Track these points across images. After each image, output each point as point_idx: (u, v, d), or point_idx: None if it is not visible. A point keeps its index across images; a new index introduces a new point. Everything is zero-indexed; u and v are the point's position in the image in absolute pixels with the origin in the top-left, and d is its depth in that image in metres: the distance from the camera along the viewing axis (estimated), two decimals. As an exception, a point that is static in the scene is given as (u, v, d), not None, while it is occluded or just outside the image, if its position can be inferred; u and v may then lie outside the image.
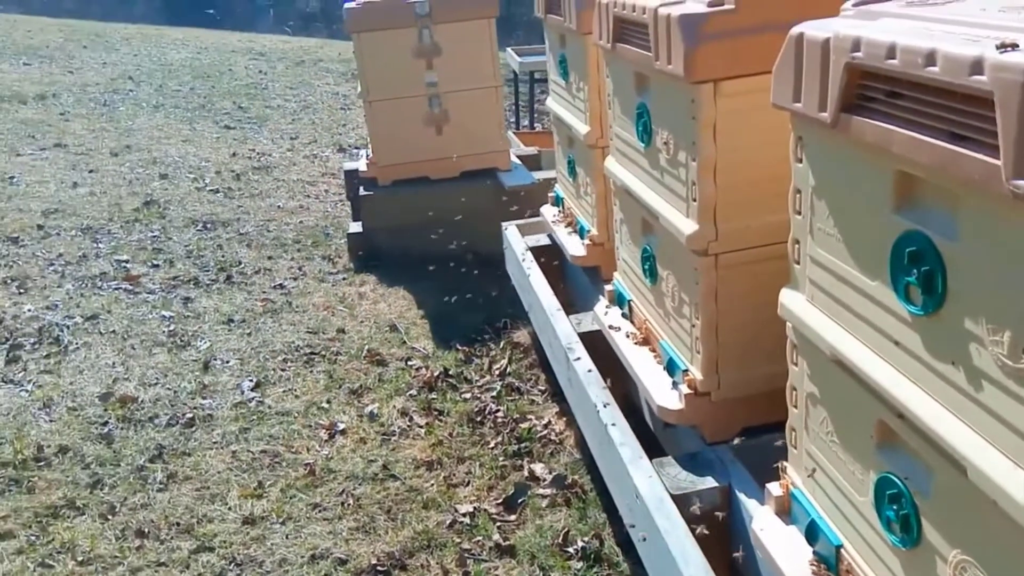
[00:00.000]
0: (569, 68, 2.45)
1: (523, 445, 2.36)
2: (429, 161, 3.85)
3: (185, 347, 3.03)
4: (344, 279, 3.67)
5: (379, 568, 1.91)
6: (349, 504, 2.15)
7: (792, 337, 1.18)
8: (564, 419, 2.46)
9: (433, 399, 2.63)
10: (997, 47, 0.66)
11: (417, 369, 2.82)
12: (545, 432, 2.41)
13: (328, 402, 2.64)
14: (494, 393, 2.63)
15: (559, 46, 2.53)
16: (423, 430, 2.47)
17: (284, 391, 2.72)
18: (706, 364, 1.56)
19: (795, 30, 1.00)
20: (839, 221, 1.01)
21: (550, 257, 2.79)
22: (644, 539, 1.50)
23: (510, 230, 2.96)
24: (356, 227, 3.94)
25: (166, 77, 8.59)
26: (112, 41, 10.85)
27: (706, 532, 1.46)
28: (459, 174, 3.89)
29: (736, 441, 1.61)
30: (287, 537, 2.03)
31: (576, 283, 2.68)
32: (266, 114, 7.17)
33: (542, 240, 2.86)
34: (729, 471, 1.54)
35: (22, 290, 3.53)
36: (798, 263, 1.12)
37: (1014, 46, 0.65)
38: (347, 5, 3.64)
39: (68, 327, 3.18)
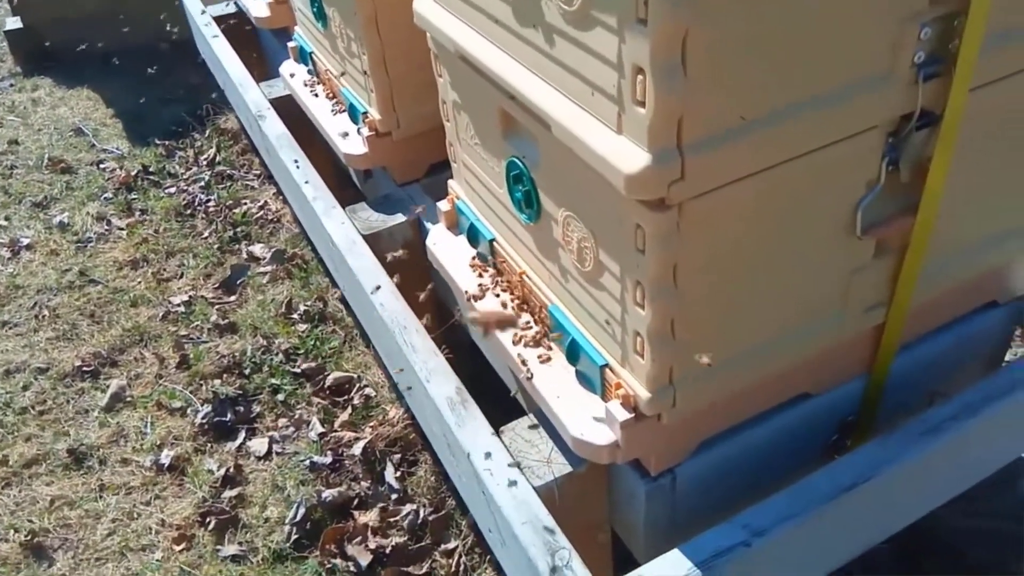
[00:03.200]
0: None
1: (239, 229, 2.26)
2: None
3: None
4: (12, 86, 3.14)
5: (84, 369, 1.81)
6: (44, 316, 1.97)
7: (432, 47, 1.17)
8: (281, 198, 2.38)
9: (133, 199, 2.41)
10: None
11: (112, 171, 2.55)
12: (261, 214, 2.32)
13: (6, 219, 2.33)
14: (203, 183, 2.46)
15: None
16: (124, 232, 2.27)
17: (-50, 214, 2.36)
18: (382, 102, 1.53)
19: None
20: None
21: (241, 24, 2.53)
22: (345, 290, 1.52)
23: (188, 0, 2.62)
24: (14, 22, 3.31)
25: None
26: None
27: (404, 258, 1.50)
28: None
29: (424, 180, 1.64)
30: (-27, 360, 1.85)
31: (270, 47, 2.48)
32: None
33: (229, 8, 2.58)
34: (418, 202, 1.58)
35: None
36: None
37: None
38: None
39: None
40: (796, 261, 0.91)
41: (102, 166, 2.58)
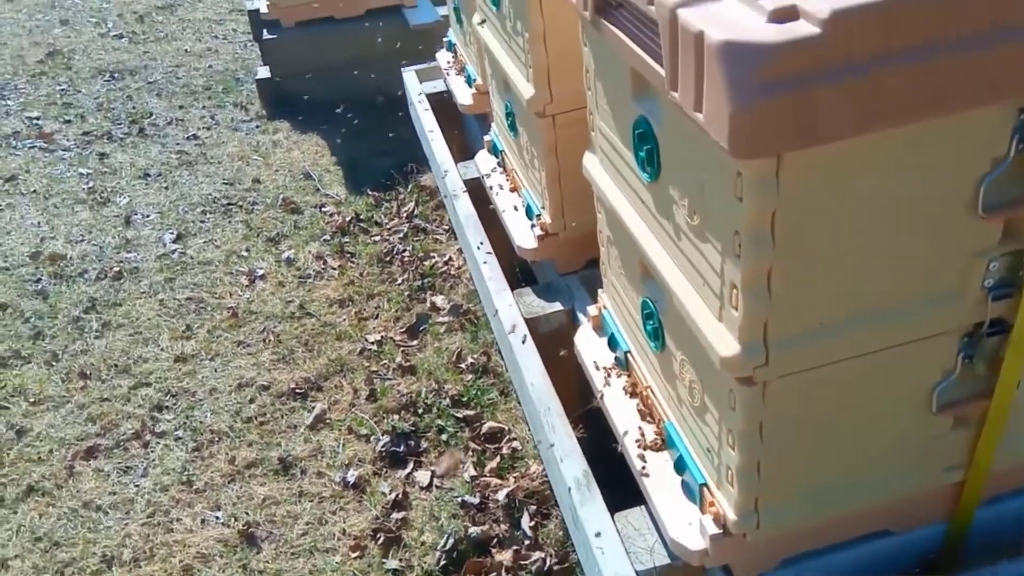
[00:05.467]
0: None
1: (426, 280, 2.64)
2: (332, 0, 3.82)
3: (106, 203, 3.17)
4: (258, 127, 3.76)
5: (297, 391, 2.23)
6: (270, 340, 2.44)
7: (595, 190, 1.43)
8: (463, 255, 2.73)
9: (346, 243, 2.87)
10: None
11: (331, 215, 3.03)
12: (446, 268, 2.69)
13: (247, 250, 2.86)
14: (401, 235, 2.88)
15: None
16: (336, 271, 2.73)
17: (205, 242, 2.92)
18: (553, 209, 1.81)
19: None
20: (608, 99, 1.22)
21: (449, 101, 2.93)
22: (505, 358, 1.82)
23: (408, 75, 3.06)
24: (264, 72, 3.96)
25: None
26: None
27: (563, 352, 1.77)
28: (364, 12, 3.89)
29: (583, 271, 1.90)
30: (215, 371, 2.34)
31: (471, 127, 2.85)
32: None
33: (439, 86, 2.98)
34: (574, 296, 1.85)
35: (-67, 153, 3.56)
36: (592, 130, 1.35)
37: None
38: None
39: (-13, 190, 3.27)
40: (872, 432, 1.08)
41: (323, 209, 3.08)
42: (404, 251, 2.79)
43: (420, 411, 2.14)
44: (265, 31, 3.87)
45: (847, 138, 0.79)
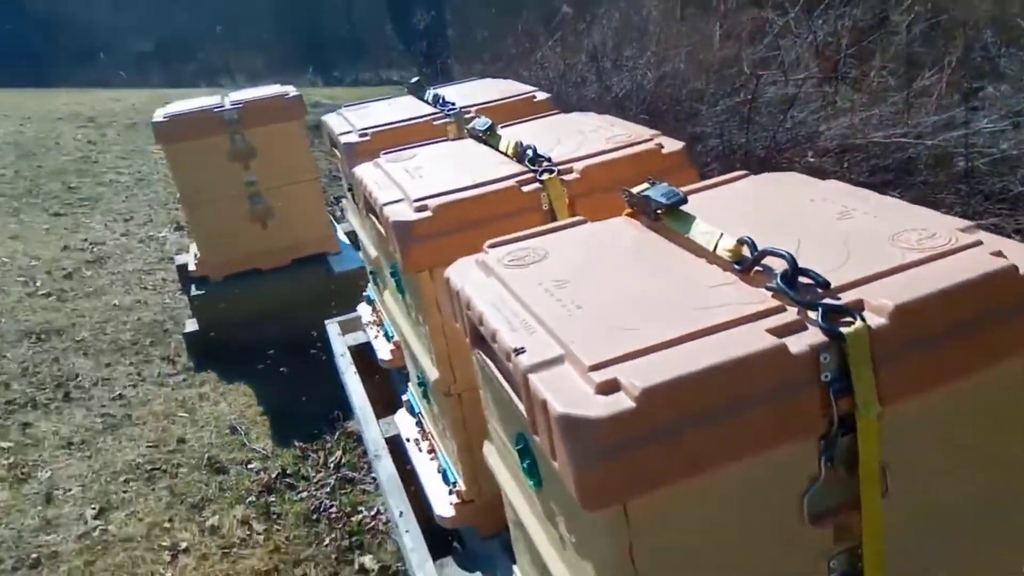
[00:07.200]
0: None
1: (355, 539, 2.63)
2: (258, 253, 4.04)
3: (26, 480, 3.10)
4: (185, 380, 3.81)
5: None
6: (193, 624, 2.35)
7: (496, 478, 1.52)
8: (391, 504, 2.75)
9: (272, 502, 2.86)
10: (515, 350, 1.01)
11: (257, 472, 3.04)
12: (374, 523, 2.69)
13: (170, 520, 2.81)
14: (328, 488, 2.89)
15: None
16: (262, 537, 2.69)
17: (127, 514, 2.87)
18: (467, 476, 1.90)
19: (448, 271, 1.34)
20: (495, 405, 1.35)
21: (371, 351, 3.06)
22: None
23: (331, 327, 3.21)
24: (192, 324, 4.07)
25: (-14, 160, 8.22)
26: (-84, 117, 10.17)
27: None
28: (290, 262, 4.11)
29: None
30: (134, 669, 2.22)
31: (395, 377, 2.97)
32: (98, 193, 7.06)
33: (361, 337, 3.13)
34: (496, 564, 1.88)
35: None
36: (488, 422, 1.46)
37: (521, 351, 1.00)
38: (153, 119, 3.78)
39: (-103, 476, 3.17)
40: None
41: (249, 466, 3.08)
42: (331, 506, 2.79)
43: None
44: (193, 286, 4.03)
45: (677, 482, 0.92)
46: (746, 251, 1.10)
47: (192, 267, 4.05)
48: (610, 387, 0.90)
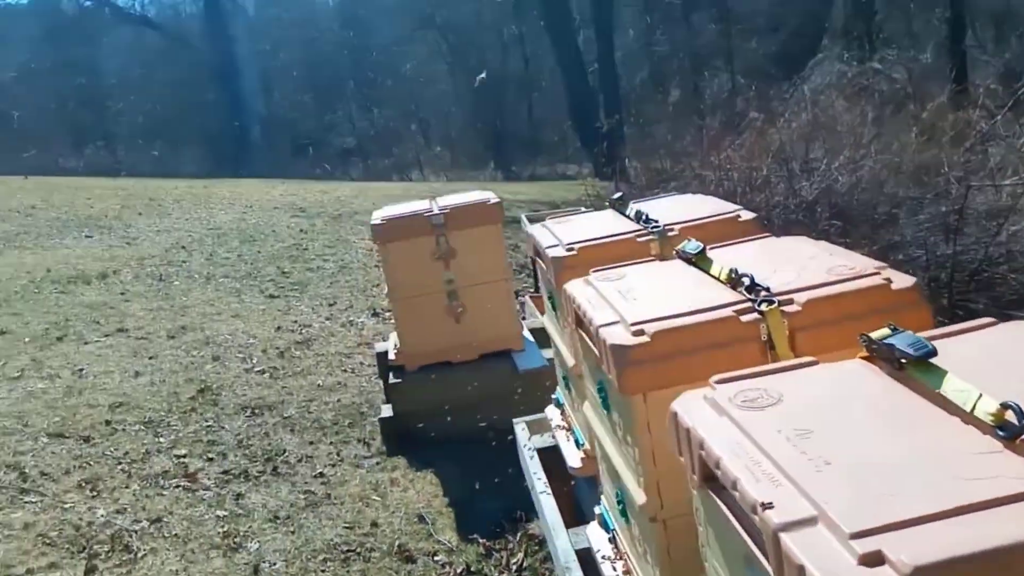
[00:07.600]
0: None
1: (538, 645, 2.62)
2: (451, 347, 4.27)
3: (238, 549, 3.38)
4: (378, 464, 4.03)
5: None
6: None
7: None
8: (574, 615, 2.72)
9: (458, 598, 2.92)
10: (762, 504, 1.01)
11: (443, 566, 3.12)
12: (557, 631, 2.66)
13: (363, 607, 2.95)
14: (510, 590, 2.91)
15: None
16: (447, 634, 2.75)
17: (324, 594, 3.04)
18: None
19: (674, 406, 1.37)
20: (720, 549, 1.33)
21: (559, 454, 3.10)
22: None
23: (519, 427, 3.30)
24: (387, 411, 4.33)
25: (215, 244, 9.31)
26: (165, 205, 11.72)
27: None
28: (479, 356, 4.30)
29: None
30: None
31: (582, 485, 2.98)
32: (307, 278, 7.78)
33: (548, 440, 3.19)
34: None
35: (94, 492, 3.96)
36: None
37: (770, 506, 1.00)
38: (372, 222, 4.18)
39: (136, 532, 3.57)
40: None
41: (436, 558, 3.18)
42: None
43: None
44: (391, 374, 4.31)
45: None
46: (1011, 416, 1.04)
47: (392, 356, 4.33)
48: (875, 560, 0.88)
